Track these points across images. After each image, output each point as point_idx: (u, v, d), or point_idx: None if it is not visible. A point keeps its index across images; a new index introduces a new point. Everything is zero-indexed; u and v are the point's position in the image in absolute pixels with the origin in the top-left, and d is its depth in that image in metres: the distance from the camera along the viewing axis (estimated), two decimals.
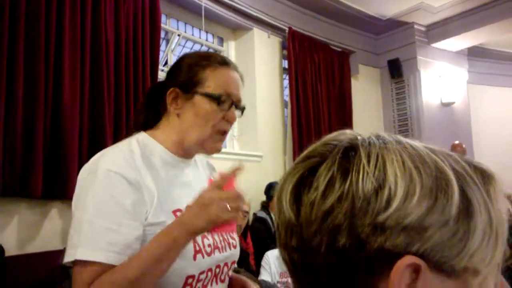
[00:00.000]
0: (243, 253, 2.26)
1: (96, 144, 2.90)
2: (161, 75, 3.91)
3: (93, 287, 0.92)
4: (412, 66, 5.74)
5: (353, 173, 0.41)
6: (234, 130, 4.63)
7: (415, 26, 5.69)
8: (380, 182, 0.41)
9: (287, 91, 4.91)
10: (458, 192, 0.41)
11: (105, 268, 0.93)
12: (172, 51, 4.23)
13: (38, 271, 2.59)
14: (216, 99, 1.11)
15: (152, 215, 1.02)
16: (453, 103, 5.96)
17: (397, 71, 5.76)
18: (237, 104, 1.17)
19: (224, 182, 1.00)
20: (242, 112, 1.22)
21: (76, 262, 0.96)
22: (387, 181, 0.40)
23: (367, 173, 0.41)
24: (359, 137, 0.46)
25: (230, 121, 1.15)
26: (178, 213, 1.07)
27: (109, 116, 3.02)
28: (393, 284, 0.39)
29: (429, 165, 0.42)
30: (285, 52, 4.92)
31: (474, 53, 6.42)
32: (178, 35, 4.24)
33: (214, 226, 0.98)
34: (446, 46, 5.92)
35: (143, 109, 1.23)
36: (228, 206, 0.96)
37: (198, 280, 1.06)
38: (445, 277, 0.41)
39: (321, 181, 0.42)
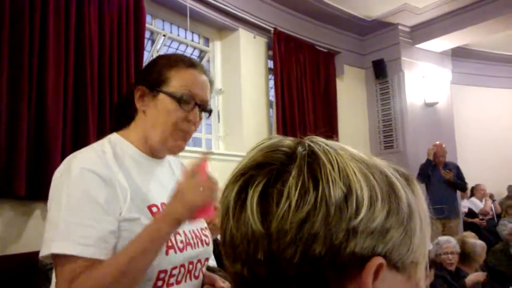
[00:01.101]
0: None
1: (80, 145, 2.87)
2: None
3: (77, 282, 0.94)
4: (397, 66, 5.80)
5: (323, 180, 0.42)
6: (220, 131, 4.66)
7: (400, 27, 5.75)
8: (347, 188, 0.42)
9: (273, 92, 4.93)
10: (404, 194, 0.45)
11: (83, 263, 0.95)
12: (157, 51, 4.23)
13: (21, 272, 2.59)
14: (178, 99, 1.14)
15: (126, 211, 1.04)
16: (436, 103, 6.04)
17: (381, 72, 5.82)
18: (202, 106, 1.19)
19: (196, 169, 1.05)
20: (209, 114, 1.24)
21: (55, 261, 0.98)
22: (353, 187, 0.42)
23: (335, 180, 0.42)
24: (307, 143, 0.46)
25: (191, 122, 1.17)
26: (154, 208, 1.10)
27: (93, 117, 3.02)
28: (365, 285, 0.41)
29: (376, 169, 0.45)
30: (270, 52, 4.94)
31: (458, 54, 6.51)
32: (164, 35, 4.24)
33: (192, 212, 1.02)
34: (430, 47, 6.00)
35: (118, 110, 1.27)
36: (201, 189, 1.01)
37: (171, 275, 1.09)
38: (396, 272, 0.44)
39: (293, 189, 0.42)
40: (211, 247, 1.24)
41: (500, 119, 7.21)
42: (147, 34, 3.98)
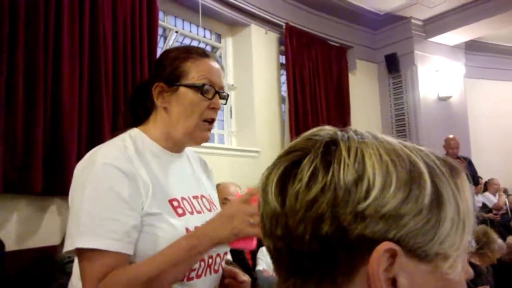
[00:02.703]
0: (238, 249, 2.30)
1: (95, 141, 2.93)
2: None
3: (106, 281, 0.95)
4: (409, 60, 5.76)
5: (335, 165, 0.44)
6: (232, 126, 4.67)
7: (412, 21, 5.71)
8: (359, 174, 0.44)
9: (284, 87, 4.93)
10: (430, 183, 0.45)
11: (110, 258, 0.96)
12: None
13: (37, 266, 2.63)
14: (200, 89, 1.15)
15: (148, 206, 1.05)
16: (450, 97, 5.99)
17: (394, 66, 5.79)
18: (220, 93, 1.21)
19: (250, 197, 1.05)
20: (226, 100, 1.26)
21: (81, 256, 0.98)
22: (366, 173, 0.44)
23: (348, 166, 0.44)
24: (338, 133, 0.49)
25: (215, 109, 1.19)
26: (175, 202, 1.11)
27: (107, 114, 3.05)
28: (372, 268, 0.42)
29: (403, 158, 0.46)
30: (282, 48, 4.94)
31: (471, 47, 6.44)
32: (176, 32, 4.27)
33: (235, 238, 1.02)
34: (443, 40, 5.94)
35: (130, 107, 1.27)
36: (252, 220, 1.01)
37: (192, 270, 1.10)
38: (418, 262, 0.44)
39: (305, 172, 0.45)
40: None
41: None
42: (159, 31, 4.00)
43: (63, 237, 2.52)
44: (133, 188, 1.04)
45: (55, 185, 2.77)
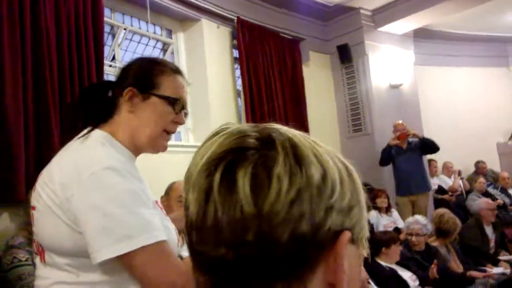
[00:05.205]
0: None
1: (43, 144, 2.84)
2: (108, 70, 3.84)
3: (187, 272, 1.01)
4: (361, 50, 5.86)
5: (305, 163, 0.46)
6: (188, 123, 4.61)
7: (362, 11, 5.80)
8: (324, 171, 0.46)
9: (240, 81, 4.92)
10: (358, 176, 0.51)
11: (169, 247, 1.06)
12: (119, 45, 4.16)
13: None
14: (172, 102, 1.23)
15: (151, 205, 1.12)
16: (401, 85, 6.14)
17: (346, 56, 5.87)
18: (184, 109, 1.30)
19: None
20: (186, 116, 1.34)
21: (138, 257, 1.01)
22: (326, 169, 0.47)
23: (313, 163, 0.46)
24: (276, 127, 0.49)
25: (179, 123, 1.28)
26: (158, 204, 1.21)
27: (55, 115, 2.95)
28: (340, 255, 0.46)
29: (333, 154, 0.50)
30: (235, 42, 4.92)
31: (420, 35, 6.61)
32: (124, 29, 4.17)
33: None
34: (392, 29, 6.08)
35: (83, 106, 1.30)
36: None
37: None
38: (352, 244, 0.49)
39: (283, 172, 0.44)
40: None
41: (464, 97, 7.38)
42: (107, 28, 3.91)
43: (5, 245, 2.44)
44: (142, 187, 1.12)
45: (2, 192, 2.66)
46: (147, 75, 1.24)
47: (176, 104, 1.24)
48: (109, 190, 1.02)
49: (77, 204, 1.02)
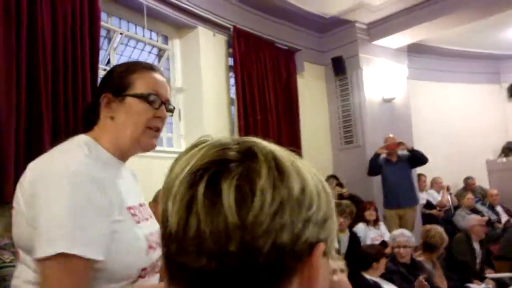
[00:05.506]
0: None
1: (33, 147, 2.83)
2: (103, 74, 3.84)
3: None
4: (355, 63, 5.91)
5: (287, 176, 0.47)
6: (181, 129, 4.62)
7: (357, 25, 5.86)
8: (303, 184, 0.48)
9: (234, 89, 4.93)
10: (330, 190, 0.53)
11: (85, 263, 0.98)
12: (114, 49, 4.17)
13: None
14: (146, 98, 1.21)
15: (116, 213, 1.08)
16: (393, 98, 6.18)
17: (340, 69, 5.92)
18: (166, 104, 1.26)
19: None
20: (172, 112, 1.32)
21: (55, 261, 0.96)
22: (305, 182, 0.48)
23: (294, 176, 0.47)
24: (255, 141, 0.50)
25: (161, 118, 1.24)
26: (131, 210, 1.15)
27: (47, 118, 2.95)
28: (315, 267, 0.48)
29: (310, 168, 0.52)
30: (230, 50, 4.94)
31: (414, 50, 6.68)
32: (121, 33, 4.18)
33: None
34: (387, 43, 6.14)
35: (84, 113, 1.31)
36: None
37: (147, 272, 1.15)
38: (323, 256, 0.50)
39: (267, 184, 0.45)
40: None
41: (455, 113, 7.44)
42: (103, 33, 3.91)
43: None
44: (104, 195, 1.06)
45: None
46: (119, 78, 1.22)
47: (152, 99, 1.21)
48: (65, 194, 1.00)
49: (35, 202, 1.03)
